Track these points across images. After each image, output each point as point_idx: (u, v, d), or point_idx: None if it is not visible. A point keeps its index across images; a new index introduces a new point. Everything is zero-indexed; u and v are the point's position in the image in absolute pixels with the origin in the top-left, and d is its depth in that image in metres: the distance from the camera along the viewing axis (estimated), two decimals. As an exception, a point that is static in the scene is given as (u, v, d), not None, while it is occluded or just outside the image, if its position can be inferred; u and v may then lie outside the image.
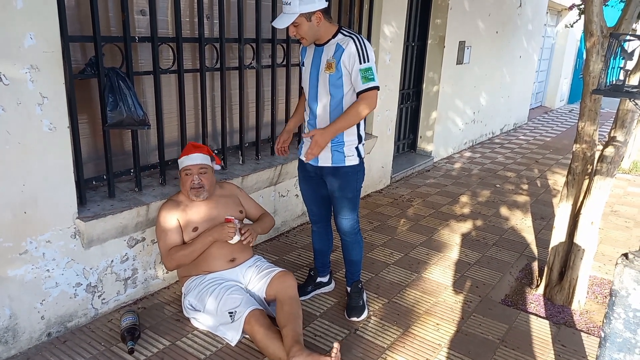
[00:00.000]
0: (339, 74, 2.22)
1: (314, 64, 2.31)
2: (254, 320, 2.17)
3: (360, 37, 2.24)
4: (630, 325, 1.57)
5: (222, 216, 2.45)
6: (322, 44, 2.28)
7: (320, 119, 2.34)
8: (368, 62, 2.18)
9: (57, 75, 2.03)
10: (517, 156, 6.52)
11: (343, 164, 2.36)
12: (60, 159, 2.12)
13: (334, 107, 2.29)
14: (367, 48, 2.20)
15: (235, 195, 2.63)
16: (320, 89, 2.29)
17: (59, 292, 2.27)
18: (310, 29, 2.18)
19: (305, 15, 2.13)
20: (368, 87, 2.18)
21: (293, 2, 2.09)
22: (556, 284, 2.92)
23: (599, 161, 2.60)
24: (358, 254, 2.61)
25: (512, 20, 7.24)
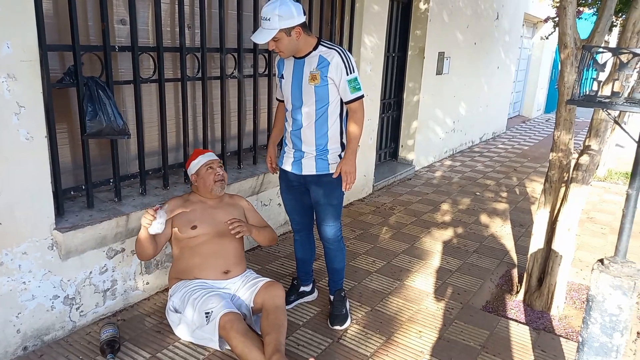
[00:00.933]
0: (325, 85, 2.26)
1: (296, 76, 2.33)
2: (229, 324, 2.11)
3: (343, 49, 2.30)
4: (607, 330, 1.61)
5: (223, 221, 2.45)
6: (302, 57, 2.30)
7: (305, 129, 2.36)
8: (354, 73, 2.27)
9: (35, 84, 2.00)
10: (496, 164, 6.63)
11: (327, 171, 2.40)
12: (37, 169, 2.09)
13: (319, 117, 2.32)
14: (351, 59, 2.28)
15: (241, 207, 2.63)
16: (305, 99, 2.32)
17: (36, 305, 2.21)
18: (290, 43, 2.20)
19: (285, 31, 2.15)
20: (356, 97, 2.29)
21: (272, 18, 2.11)
22: (535, 290, 2.96)
23: (575, 169, 2.67)
24: (341, 262, 2.63)
25: (490, 32, 7.40)
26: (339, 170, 2.34)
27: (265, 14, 2.13)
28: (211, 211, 2.49)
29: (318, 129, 2.34)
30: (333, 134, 2.37)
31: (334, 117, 2.35)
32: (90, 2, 2.45)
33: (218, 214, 2.49)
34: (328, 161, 2.39)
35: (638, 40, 2.24)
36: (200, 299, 2.26)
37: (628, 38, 2.26)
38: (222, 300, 2.25)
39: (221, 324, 2.13)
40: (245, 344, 2.08)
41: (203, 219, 2.44)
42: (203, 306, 2.23)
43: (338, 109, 2.34)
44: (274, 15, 2.11)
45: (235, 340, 2.09)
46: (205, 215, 2.45)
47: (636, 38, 2.23)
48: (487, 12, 7.10)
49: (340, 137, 2.40)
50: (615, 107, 1.33)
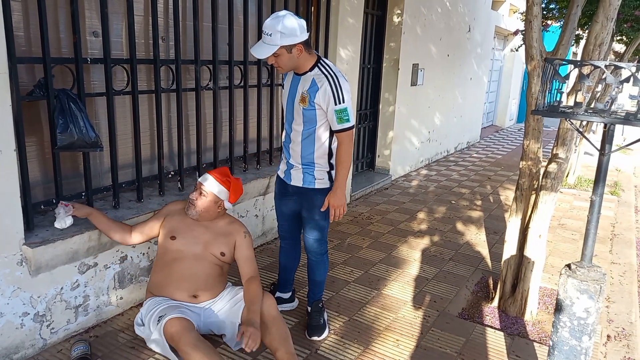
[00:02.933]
0: (312, 109, 2.26)
1: (291, 92, 2.34)
2: (177, 335, 2.01)
3: (336, 75, 2.24)
4: (576, 333, 1.65)
5: (205, 244, 2.38)
6: (301, 74, 2.29)
7: (293, 144, 2.40)
8: (343, 103, 2.21)
9: (4, 97, 1.96)
10: (470, 173, 6.75)
11: (313, 186, 2.41)
12: (5, 183, 2.04)
13: (305, 137, 2.33)
14: (342, 88, 2.22)
15: (233, 237, 2.44)
16: (295, 117, 2.34)
17: (4, 323, 2.15)
18: (290, 60, 2.19)
19: (286, 48, 2.13)
20: (343, 128, 2.25)
21: (274, 34, 2.08)
22: (509, 296, 3.02)
23: (544, 177, 2.74)
24: (321, 275, 2.64)
25: (462, 44, 7.57)
26: (327, 204, 2.34)
27: (267, 29, 2.10)
28: (198, 230, 2.40)
29: (304, 148, 2.35)
30: (320, 155, 2.36)
31: (322, 140, 2.33)
32: (61, 14, 2.43)
33: (203, 236, 2.39)
34: (314, 176, 2.39)
35: (600, 53, 2.33)
36: (161, 307, 2.23)
37: (590, 51, 2.36)
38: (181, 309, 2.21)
39: (167, 330, 2.05)
40: (194, 355, 1.97)
41: (185, 234, 2.37)
42: (158, 311, 2.20)
43: (327, 132, 2.32)
44: (276, 31, 2.08)
45: (186, 354, 2.00)
46: (189, 231, 2.38)
47: (598, 51, 2.33)
48: (459, 25, 7.27)
49: (328, 158, 2.39)
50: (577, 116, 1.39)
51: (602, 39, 2.31)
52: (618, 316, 3.03)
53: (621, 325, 2.92)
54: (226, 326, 2.36)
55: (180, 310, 2.20)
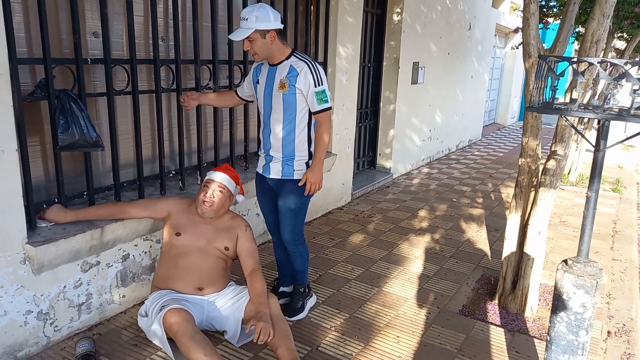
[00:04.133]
0: (292, 94, 2.37)
1: (268, 83, 2.44)
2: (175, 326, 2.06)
3: (314, 61, 2.41)
4: (573, 328, 1.66)
5: (210, 239, 2.44)
6: (276, 64, 2.41)
7: (274, 135, 2.48)
8: (322, 85, 2.38)
9: (5, 97, 1.99)
10: (472, 171, 6.75)
11: (292, 177, 2.51)
12: (8, 183, 2.06)
13: (286, 125, 2.43)
14: (320, 72, 2.39)
15: (235, 231, 2.50)
16: (274, 106, 2.43)
17: (8, 321, 2.18)
18: (264, 45, 2.32)
19: (260, 32, 2.28)
20: (323, 108, 2.41)
21: (250, 18, 2.25)
22: (510, 292, 3.03)
23: (543, 174, 2.75)
24: (300, 265, 2.72)
25: (463, 42, 7.57)
26: (305, 179, 2.45)
27: (244, 15, 2.28)
28: (202, 226, 2.45)
29: (285, 136, 2.44)
30: (300, 142, 2.47)
31: (302, 126, 2.46)
32: (62, 15, 2.45)
33: (207, 232, 2.45)
34: (293, 167, 2.50)
35: (597, 50, 2.34)
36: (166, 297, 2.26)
37: (587, 47, 2.36)
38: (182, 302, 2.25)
39: (166, 320, 2.09)
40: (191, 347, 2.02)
41: (190, 230, 2.42)
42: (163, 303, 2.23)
43: (306, 119, 2.46)
44: (252, 15, 2.25)
45: (183, 345, 2.05)
46: (193, 227, 2.44)
47: (595, 47, 2.33)
48: (459, 23, 7.27)
49: (307, 146, 2.50)
50: (571, 113, 1.40)
51: (598, 35, 2.32)
52: (619, 312, 3.03)
53: (622, 321, 2.93)
54: (228, 322, 2.38)
55: (182, 303, 2.24)
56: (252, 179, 3.44)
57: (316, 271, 3.35)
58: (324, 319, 2.75)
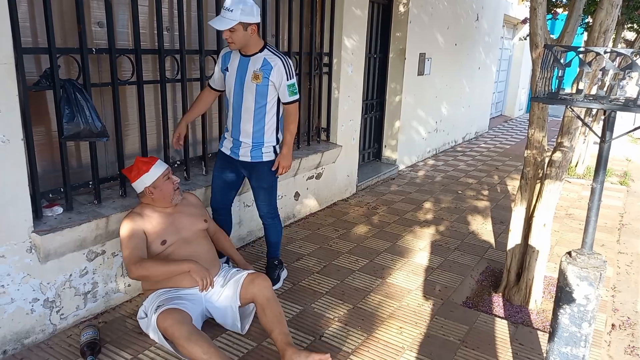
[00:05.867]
0: (265, 85, 2.55)
1: (239, 73, 2.56)
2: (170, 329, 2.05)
3: (285, 56, 2.58)
4: (576, 320, 1.66)
5: (190, 225, 2.46)
6: (249, 55, 2.53)
7: (244, 122, 2.64)
8: (293, 79, 2.59)
9: (10, 87, 2.00)
10: (478, 163, 6.72)
11: (260, 159, 2.72)
12: (14, 172, 2.08)
13: (257, 113, 2.61)
14: (291, 67, 2.59)
15: (198, 205, 2.65)
16: (246, 95, 2.56)
17: (15, 308, 2.20)
18: (244, 37, 2.44)
19: (243, 25, 2.39)
20: (293, 100, 2.64)
21: (236, 10, 2.34)
22: (514, 285, 3.02)
23: (548, 166, 2.73)
24: (275, 237, 2.97)
25: (470, 33, 7.50)
26: (277, 164, 2.72)
27: (229, 5, 2.35)
28: (172, 219, 2.43)
29: (256, 124, 2.62)
30: (269, 129, 2.67)
31: (271, 115, 2.65)
32: (66, 5, 2.45)
33: (179, 220, 2.45)
34: (262, 151, 2.70)
35: (605, 40, 2.31)
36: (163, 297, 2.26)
37: (595, 38, 2.33)
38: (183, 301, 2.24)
39: (160, 324, 2.08)
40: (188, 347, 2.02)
41: (168, 231, 2.39)
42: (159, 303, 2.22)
43: (275, 108, 2.65)
44: (237, 7, 2.34)
45: (181, 347, 2.05)
46: (168, 226, 2.40)
47: (603, 38, 2.30)
48: (467, 14, 7.20)
49: (275, 133, 2.72)
50: (576, 103, 1.39)
51: (607, 25, 2.28)
52: (623, 305, 3.02)
53: (626, 314, 2.91)
54: (227, 313, 2.39)
55: (176, 302, 2.22)
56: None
57: (320, 261, 3.36)
58: (327, 309, 2.76)
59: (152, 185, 2.39)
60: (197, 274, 2.28)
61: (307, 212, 4.23)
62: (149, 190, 2.39)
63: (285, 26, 3.82)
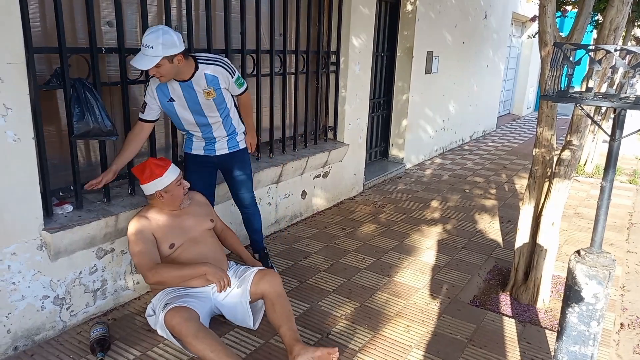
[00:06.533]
0: (220, 94, 2.58)
1: (188, 97, 2.52)
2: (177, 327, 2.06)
3: (219, 57, 2.57)
4: (584, 319, 1.65)
5: (196, 226, 2.47)
6: (187, 80, 2.48)
7: (216, 130, 2.71)
8: (236, 73, 2.64)
9: (21, 86, 2.02)
10: (485, 162, 6.69)
11: (238, 147, 2.84)
12: (25, 169, 2.11)
13: (224, 117, 2.69)
14: (229, 63, 2.60)
15: (205, 205, 2.66)
16: (206, 111, 2.61)
17: (26, 305, 2.23)
18: (172, 69, 2.35)
19: (168, 58, 2.29)
20: (243, 90, 2.75)
21: (156, 47, 2.23)
22: (522, 284, 3.01)
23: (557, 164, 2.72)
24: (259, 223, 3.07)
25: (478, 31, 7.47)
26: (249, 143, 2.91)
27: (148, 42, 2.23)
28: (179, 221, 2.44)
29: (226, 125, 2.73)
30: (236, 121, 2.80)
31: (233, 110, 2.75)
32: (77, 5, 2.47)
33: (186, 221, 2.46)
34: (237, 140, 2.82)
35: (615, 38, 2.29)
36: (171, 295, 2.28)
37: (605, 36, 2.32)
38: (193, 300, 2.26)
39: (167, 322, 2.10)
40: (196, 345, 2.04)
41: (175, 233, 2.40)
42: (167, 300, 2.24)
43: (232, 102, 2.74)
44: (158, 43, 2.23)
45: (189, 344, 2.07)
46: (175, 228, 2.41)
47: (613, 35, 2.28)
48: (475, 12, 7.17)
49: (240, 120, 2.85)
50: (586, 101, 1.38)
51: (617, 23, 2.27)
52: (632, 305, 3.00)
53: (635, 313, 2.90)
54: (237, 309, 2.41)
55: (185, 299, 2.23)
56: (264, 168, 3.46)
57: (327, 260, 3.36)
58: (334, 307, 2.76)
59: (164, 190, 2.38)
60: (213, 276, 2.30)
61: (314, 210, 4.24)
62: (160, 194, 2.38)
63: (292, 25, 3.83)
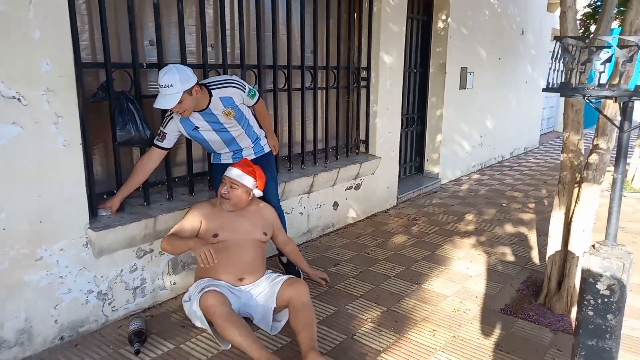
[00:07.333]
0: (238, 110, 2.72)
1: (212, 122, 2.68)
2: (211, 308, 2.22)
3: (227, 78, 2.71)
4: (600, 312, 1.65)
5: (247, 232, 2.60)
6: (206, 108, 2.61)
7: (242, 142, 2.87)
8: (246, 87, 2.76)
9: (71, 97, 2.25)
10: (526, 178, 6.56)
11: (263, 151, 3.00)
12: (73, 172, 2.32)
13: (245, 128, 2.84)
14: (238, 80, 2.73)
15: (270, 218, 2.79)
16: (230, 128, 2.76)
17: (72, 298, 2.42)
18: (193, 101, 2.48)
19: (187, 91, 2.42)
20: (256, 100, 2.89)
21: (175, 84, 2.36)
22: (555, 292, 2.95)
23: (585, 169, 2.69)
24: (284, 225, 3.10)
25: (515, 47, 7.42)
26: (272, 146, 3.09)
27: (166, 82, 2.36)
28: (236, 219, 2.59)
29: (249, 134, 2.88)
30: (257, 128, 2.96)
31: (252, 119, 2.91)
32: (122, 25, 2.73)
33: (241, 223, 2.60)
34: (261, 144, 2.99)
35: (636, 38, 2.28)
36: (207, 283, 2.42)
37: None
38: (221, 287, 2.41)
39: (202, 303, 2.26)
40: (227, 328, 2.19)
41: (225, 227, 2.55)
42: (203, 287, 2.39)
43: (249, 111, 2.89)
44: (175, 80, 2.36)
45: (219, 327, 2.22)
46: (228, 224, 2.56)
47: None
48: (510, 28, 7.15)
49: (259, 126, 3.01)
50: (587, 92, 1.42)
51: (637, 25, 2.27)
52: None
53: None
54: (260, 310, 2.51)
55: (221, 288, 2.38)
56: (295, 178, 3.59)
57: (356, 267, 3.42)
58: (361, 311, 2.81)
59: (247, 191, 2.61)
60: (196, 250, 2.36)
61: (346, 222, 4.32)
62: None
63: (323, 42, 4.00)
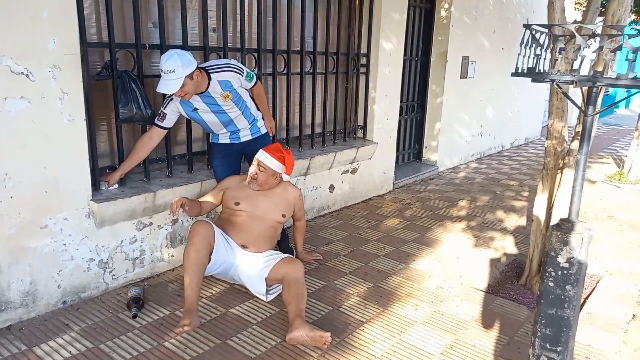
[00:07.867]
0: (236, 93, 2.81)
1: (210, 105, 2.79)
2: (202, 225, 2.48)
3: (225, 63, 2.79)
4: (559, 283, 1.77)
5: (266, 209, 2.78)
6: (205, 90, 2.71)
7: (239, 123, 2.97)
8: (243, 71, 2.83)
9: (76, 74, 2.39)
10: (523, 167, 6.64)
11: (260, 133, 3.10)
12: (77, 146, 2.46)
13: (243, 110, 2.93)
14: (235, 64, 2.81)
15: (292, 201, 2.92)
16: (228, 110, 2.86)
17: (74, 265, 2.58)
18: (194, 84, 2.59)
19: (189, 76, 2.53)
20: (254, 83, 2.95)
21: (177, 69, 2.47)
22: (535, 274, 3.07)
23: (567, 155, 2.79)
24: None
25: (519, 37, 7.42)
26: (269, 127, 3.19)
27: (168, 68, 2.46)
28: (259, 197, 2.78)
29: (246, 115, 2.98)
30: (254, 110, 3.04)
31: (250, 101, 2.99)
32: (126, 7, 2.85)
33: (263, 202, 2.78)
34: (257, 126, 3.08)
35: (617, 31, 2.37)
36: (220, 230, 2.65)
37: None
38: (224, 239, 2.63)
39: (193, 224, 2.50)
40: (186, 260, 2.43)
41: (247, 200, 2.76)
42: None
43: (247, 94, 2.96)
44: (177, 66, 2.46)
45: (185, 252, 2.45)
46: (251, 199, 2.76)
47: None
48: (515, 18, 7.18)
49: (257, 108, 3.09)
50: (550, 76, 1.52)
51: (619, 16, 2.35)
52: (651, 299, 2.99)
53: (652, 307, 2.89)
54: (254, 281, 2.67)
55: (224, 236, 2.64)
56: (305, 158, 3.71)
57: (348, 246, 3.56)
58: (348, 286, 2.95)
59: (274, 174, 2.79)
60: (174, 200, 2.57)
61: (341, 204, 4.45)
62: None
63: (323, 28, 4.09)
